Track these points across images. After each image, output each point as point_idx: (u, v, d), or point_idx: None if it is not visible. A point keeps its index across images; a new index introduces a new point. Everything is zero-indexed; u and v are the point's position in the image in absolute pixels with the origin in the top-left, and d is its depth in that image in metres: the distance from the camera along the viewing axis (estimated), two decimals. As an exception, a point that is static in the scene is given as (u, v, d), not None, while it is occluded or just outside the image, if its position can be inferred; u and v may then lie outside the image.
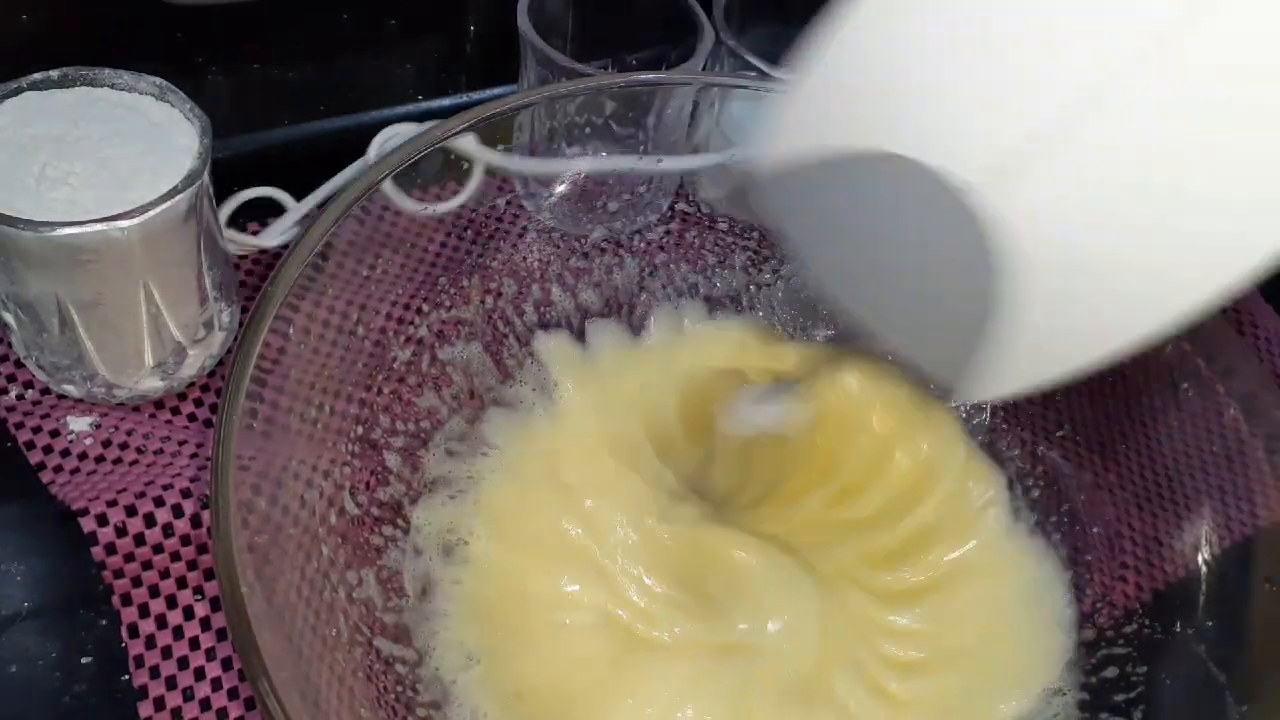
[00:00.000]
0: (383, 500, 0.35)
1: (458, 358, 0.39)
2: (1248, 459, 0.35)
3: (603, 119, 0.42)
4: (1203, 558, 0.35)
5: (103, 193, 0.32)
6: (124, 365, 0.36)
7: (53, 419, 0.38)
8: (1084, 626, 0.37)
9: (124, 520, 0.35)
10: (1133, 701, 0.34)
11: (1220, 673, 0.32)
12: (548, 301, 0.42)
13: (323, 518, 0.32)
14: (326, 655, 0.29)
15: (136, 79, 0.35)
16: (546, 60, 0.42)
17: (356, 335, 0.35)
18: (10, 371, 0.39)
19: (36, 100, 0.34)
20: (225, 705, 0.33)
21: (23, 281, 0.33)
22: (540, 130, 0.43)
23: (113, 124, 0.34)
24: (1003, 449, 0.41)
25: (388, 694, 0.31)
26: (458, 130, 0.36)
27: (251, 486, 0.28)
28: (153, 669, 0.33)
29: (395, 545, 0.35)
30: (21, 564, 0.36)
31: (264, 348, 0.30)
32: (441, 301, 0.38)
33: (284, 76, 0.53)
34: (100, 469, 0.37)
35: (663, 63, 0.47)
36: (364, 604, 0.32)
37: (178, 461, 0.38)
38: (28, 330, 0.35)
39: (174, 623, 0.34)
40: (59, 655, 0.34)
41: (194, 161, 0.34)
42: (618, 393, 0.41)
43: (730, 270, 0.44)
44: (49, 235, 0.31)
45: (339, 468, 0.33)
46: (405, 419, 0.37)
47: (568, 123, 0.42)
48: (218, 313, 0.38)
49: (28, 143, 0.33)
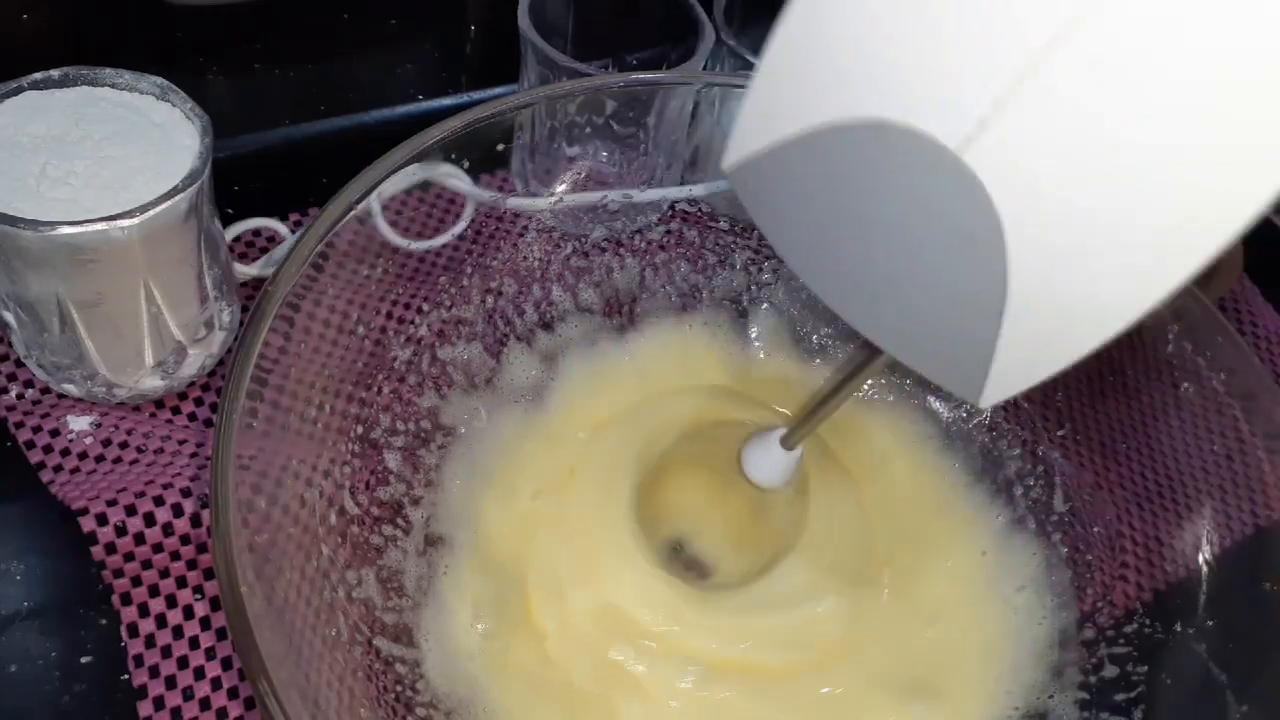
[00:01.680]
0: (383, 500, 0.35)
1: (458, 358, 0.39)
2: (1248, 459, 0.35)
3: (603, 119, 0.42)
4: (1203, 558, 0.35)
5: (103, 192, 0.32)
6: (124, 365, 0.36)
7: (53, 418, 0.38)
8: (1084, 626, 0.37)
9: (124, 520, 0.35)
10: (1133, 701, 0.34)
11: (1220, 673, 0.32)
12: (548, 301, 0.42)
13: (323, 517, 0.32)
14: (326, 655, 0.29)
15: (137, 79, 0.35)
16: (546, 60, 0.42)
17: (356, 335, 0.35)
18: (10, 371, 0.39)
19: (37, 100, 0.34)
20: (225, 705, 0.33)
21: (23, 281, 0.33)
22: (540, 130, 0.43)
23: (113, 124, 0.34)
24: (1003, 449, 0.41)
25: (387, 693, 0.31)
26: (459, 130, 0.36)
27: (252, 486, 0.28)
28: (152, 668, 0.33)
29: (395, 545, 0.35)
30: (21, 563, 0.36)
31: (264, 347, 0.30)
32: (441, 301, 0.38)
33: (284, 76, 0.53)
34: (100, 468, 0.37)
35: (663, 63, 0.47)
36: (364, 603, 0.32)
37: (178, 461, 0.38)
38: (28, 330, 0.35)
39: (174, 622, 0.34)
40: (59, 655, 0.34)
41: (194, 161, 0.34)
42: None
43: (731, 270, 0.44)
44: (50, 235, 0.31)
45: (339, 467, 0.33)
46: (405, 419, 0.37)
47: (568, 123, 0.42)
48: (218, 312, 0.38)
49: (28, 142, 0.33)
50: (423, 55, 0.57)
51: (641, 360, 0.43)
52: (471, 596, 0.35)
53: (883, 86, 0.21)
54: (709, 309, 0.44)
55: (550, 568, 0.36)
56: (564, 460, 0.39)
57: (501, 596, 0.36)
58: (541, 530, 0.37)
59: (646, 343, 0.43)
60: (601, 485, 0.38)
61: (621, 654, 0.35)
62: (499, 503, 0.38)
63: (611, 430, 0.40)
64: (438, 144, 0.35)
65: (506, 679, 0.34)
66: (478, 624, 0.35)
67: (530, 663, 0.34)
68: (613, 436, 0.40)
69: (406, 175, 0.35)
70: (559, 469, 0.39)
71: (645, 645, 0.35)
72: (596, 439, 0.40)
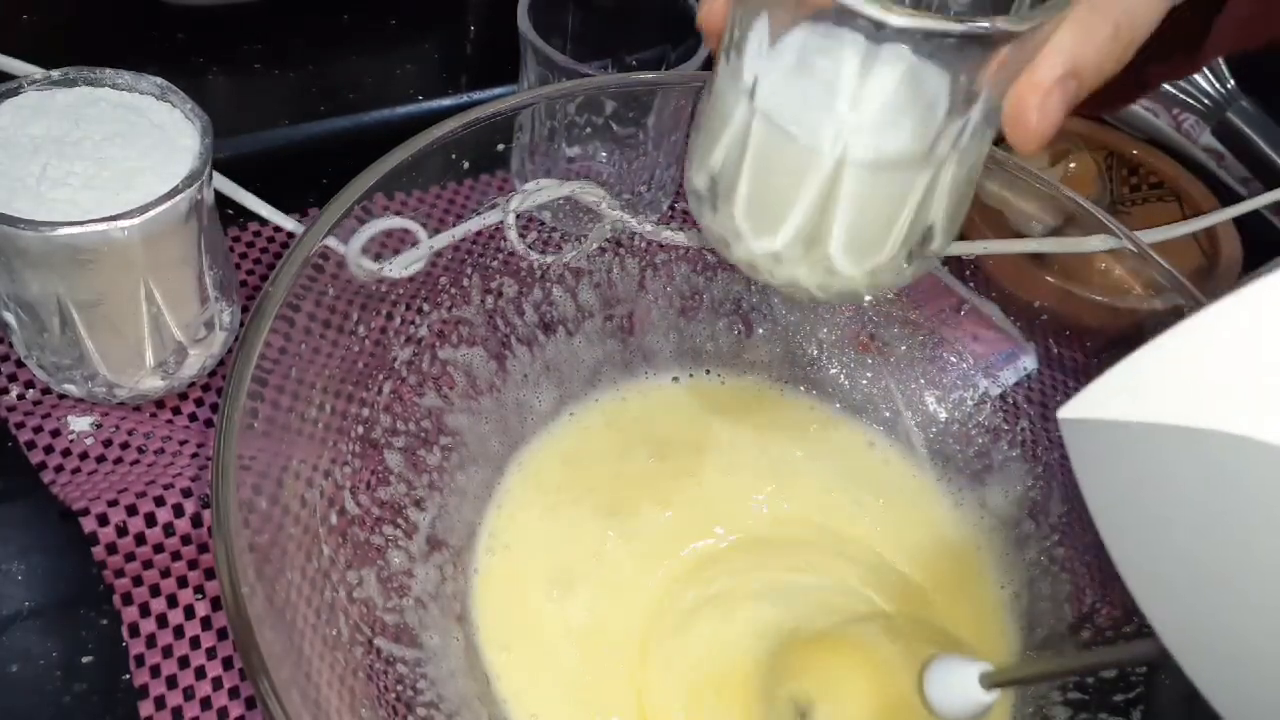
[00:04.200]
0: (383, 500, 0.35)
1: (458, 358, 0.39)
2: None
3: (602, 119, 0.42)
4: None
5: (103, 193, 0.32)
6: (125, 365, 0.36)
7: (53, 419, 0.38)
8: (1084, 626, 0.37)
9: (125, 520, 0.35)
10: (1131, 702, 0.34)
11: (1219, 672, 0.32)
12: (548, 301, 0.42)
13: (323, 517, 0.32)
14: (327, 654, 0.29)
15: (137, 79, 0.35)
16: (546, 60, 0.42)
17: (356, 335, 0.35)
18: (11, 371, 0.39)
19: (37, 100, 0.34)
20: (226, 704, 0.33)
21: (23, 281, 0.33)
22: (540, 130, 0.43)
23: (113, 124, 0.34)
24: (1003, 448, 0.41)
25: (388, 693, 0.31)
26: (459, 130, 0.36)
27: (252, 486, 0.28)
28: (154, 668, 0.33)
29: (395, 545, 0.35)
30: (22, 563, 0.36)
31: (265, 347, 0.30)
32: (441, 301, 0.38)
33: (284, 76, 0.54)
34: (101, 469, 0.37)
35: (663, 63, 0.47)
36: (364, 603, 0.32)
37: (178, 461, 0.38)
38: (28, 330, 0.35)
39: (175, 622, 0.34)
40: (60, 654, 0.34)
41: (194, 162, 0.34)
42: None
43: (731, 270, 0.44)
44: (50, 235, 0.31)
45: (340, 467, 0.33)
46: (406, 419, 0.37)
47: (567, 123, 0.42)
48: (218, 312, 0.38)
49: (28, 143, 0.33)
50: (423, 55, 0.57)
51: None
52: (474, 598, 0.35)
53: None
54: (708, 310, 0.44)
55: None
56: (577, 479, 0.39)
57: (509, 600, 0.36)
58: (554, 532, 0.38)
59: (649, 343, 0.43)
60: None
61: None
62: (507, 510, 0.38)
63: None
64: (438, 144, 0.35)
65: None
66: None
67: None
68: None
69: (548, 190, 0.33)
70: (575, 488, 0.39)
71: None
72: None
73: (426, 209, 0.37)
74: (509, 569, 0.37)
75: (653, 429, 0.42)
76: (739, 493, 0.41)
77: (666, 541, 0.39)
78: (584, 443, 0.41)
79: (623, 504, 0.39)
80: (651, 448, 0.41)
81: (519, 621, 0.36)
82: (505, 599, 0.36)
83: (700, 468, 0.41)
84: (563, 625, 0.36)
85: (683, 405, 0.43)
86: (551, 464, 0.40)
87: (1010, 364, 0.42)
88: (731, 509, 0.40)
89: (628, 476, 0.40)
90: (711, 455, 0.42)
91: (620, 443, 0.41)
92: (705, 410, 0.43)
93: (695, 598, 0.37)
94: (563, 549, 0.38)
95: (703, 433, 0.43)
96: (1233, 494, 0.19)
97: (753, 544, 0.39)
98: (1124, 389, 0.21)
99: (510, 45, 0.44)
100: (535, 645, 0.35)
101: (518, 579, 0.37)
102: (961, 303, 0.42)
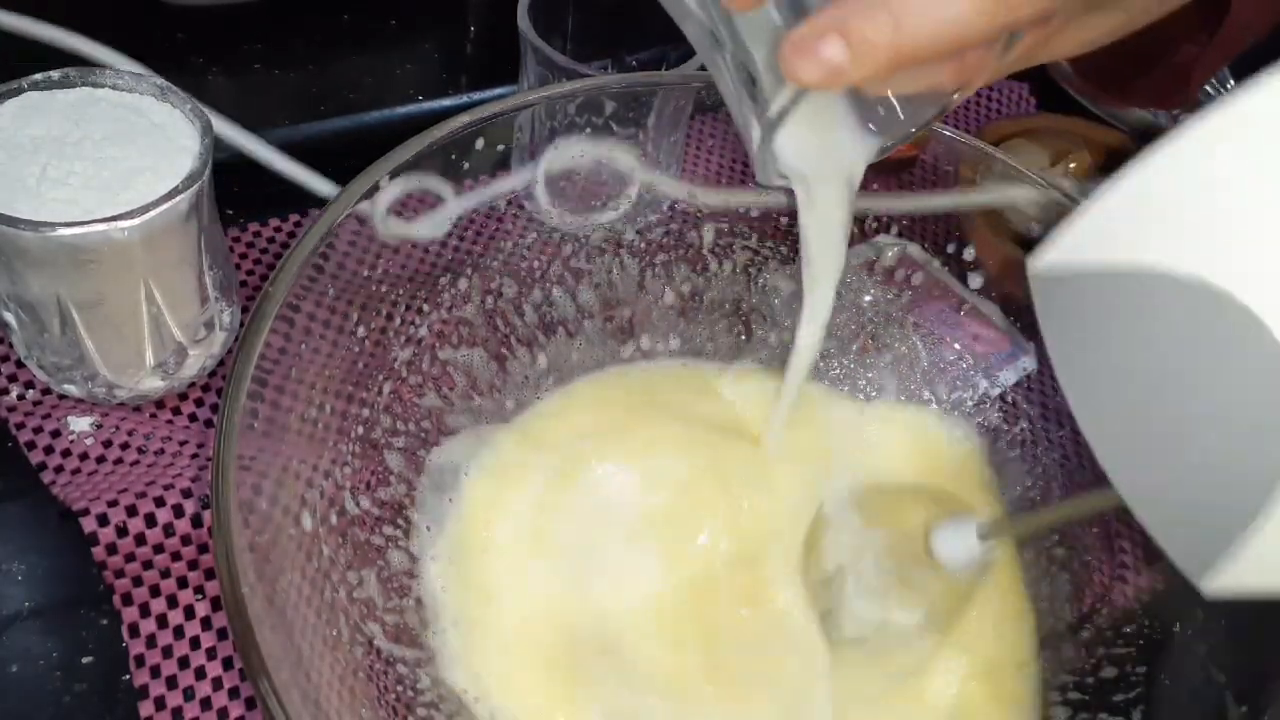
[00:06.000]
0: (383, 500, 0.35)
1: (458, 358, 0.39)
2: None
3: (603, 119, 0.42)
4: (1202, 558, 0.35)
5: (103, 193, 0.32)
6: (125, 365, 0.36)
7: (54, 419, 0.38)
8: (1084, 626, 0.37)
9: (125, 520, 0.35)
10: (1132, 702, 0.34)
11: (1220, 673, 0.32)
12: (548, 302, 0.42)
13: (323, 518, 0.32)
14: (327, 655, 0.29)
15: (137, 79, 0.35)
16: (546, 60, 0.42)
17: (356, 335, 0.35)
18: (11, 371, 0.39)
19: (37, 100, 0.34)
20: (226, 705, 0.33)
21: (23, 281, 0.33)
22: (540, 130, 0.43)
23: (113, 124, 0.34)
24: (1003, 448, 0.41)
25: (388, 693, 0.31)
26: (459, 130, 0.36)
27: (252, 486, 0.28)
28: (153, 668, 0.33)
29: (395, 545, 0.35)
30: (22, 564, 0.36)
31: (265, 348, 0.30)
32: (441, 301, 0.38)
33: (284, 76, 0.54)
34: (101, 469, 0.37)
35: (663, 63, 0.47)
36: (364, 604, 0.32)
37: (178, 462, 0.38)
38: (29, 330, 0.35)
39: (175, 622, 0.34)
40: (60, 655, 0.34)
41: (194, 162, 0.34)
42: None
43: (731, 271, 0.44)
44: (50, 235, 0.31)
45: (339, 468, 0.33)
46: (406, 419, 0.37)
47: (568, 123, 0.42)
48: (218, 313, 0.38)
49: (28, 143, 0.33)
50: (423, 55, 0.57)
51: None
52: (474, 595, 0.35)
53: (1231, 256, 0.20)
54: (708, 310, 0.44)
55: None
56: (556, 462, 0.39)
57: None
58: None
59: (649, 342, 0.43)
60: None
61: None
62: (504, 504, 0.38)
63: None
64: (438, 144, 0.35)
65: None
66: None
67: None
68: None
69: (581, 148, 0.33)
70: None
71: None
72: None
73: (427, 209, 0.37)
74: (509, 569, 0.37)
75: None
76: (737, 492, 0.41)
77: (671, 541, 0.39)
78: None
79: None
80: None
81: (518, 621, 0.36)
82: (505, 599, 0.36)
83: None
84: (562, 624, 0.36)
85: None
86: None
87: (1010, 364, 0.42)
88: (730, 509, 0.40)
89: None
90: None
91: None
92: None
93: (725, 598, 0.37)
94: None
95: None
96: (1186, 337, 0.21)
97: (751, 538, 0.39)
98: (1090, 238, 0.23)
99: (510, 45, 0.44)
100: (535, 645, 0.35)
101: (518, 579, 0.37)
102: (961, 303, 0.42)
